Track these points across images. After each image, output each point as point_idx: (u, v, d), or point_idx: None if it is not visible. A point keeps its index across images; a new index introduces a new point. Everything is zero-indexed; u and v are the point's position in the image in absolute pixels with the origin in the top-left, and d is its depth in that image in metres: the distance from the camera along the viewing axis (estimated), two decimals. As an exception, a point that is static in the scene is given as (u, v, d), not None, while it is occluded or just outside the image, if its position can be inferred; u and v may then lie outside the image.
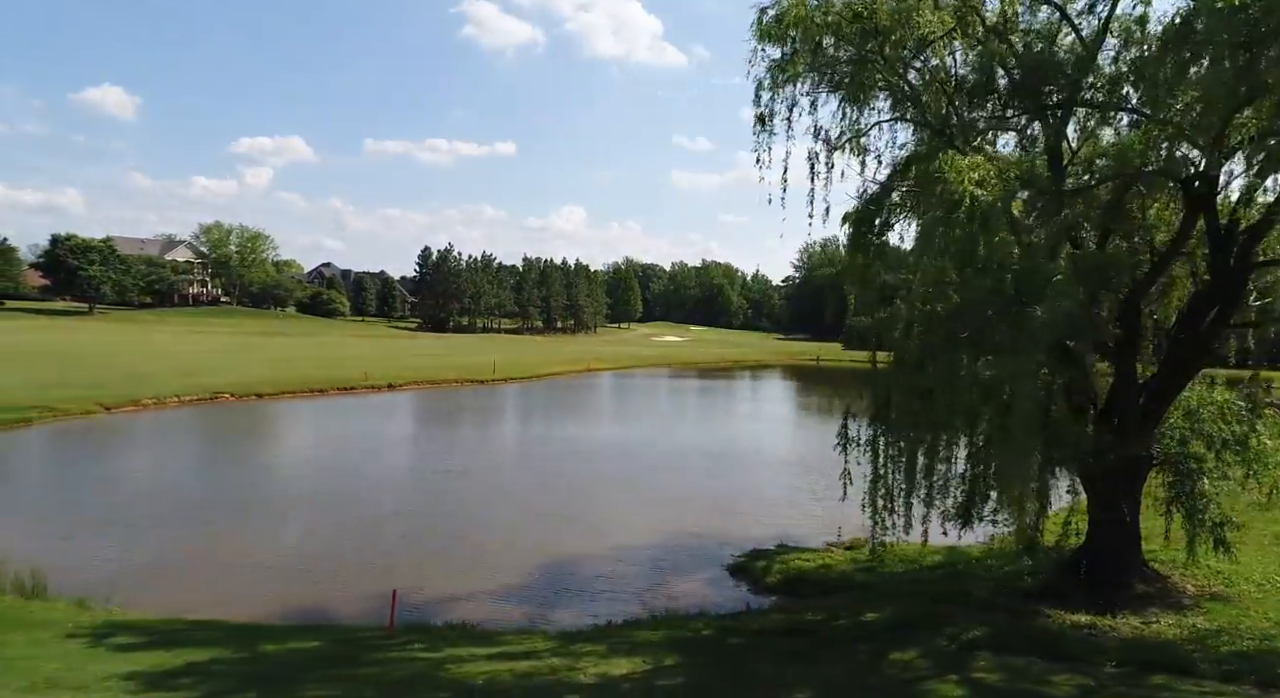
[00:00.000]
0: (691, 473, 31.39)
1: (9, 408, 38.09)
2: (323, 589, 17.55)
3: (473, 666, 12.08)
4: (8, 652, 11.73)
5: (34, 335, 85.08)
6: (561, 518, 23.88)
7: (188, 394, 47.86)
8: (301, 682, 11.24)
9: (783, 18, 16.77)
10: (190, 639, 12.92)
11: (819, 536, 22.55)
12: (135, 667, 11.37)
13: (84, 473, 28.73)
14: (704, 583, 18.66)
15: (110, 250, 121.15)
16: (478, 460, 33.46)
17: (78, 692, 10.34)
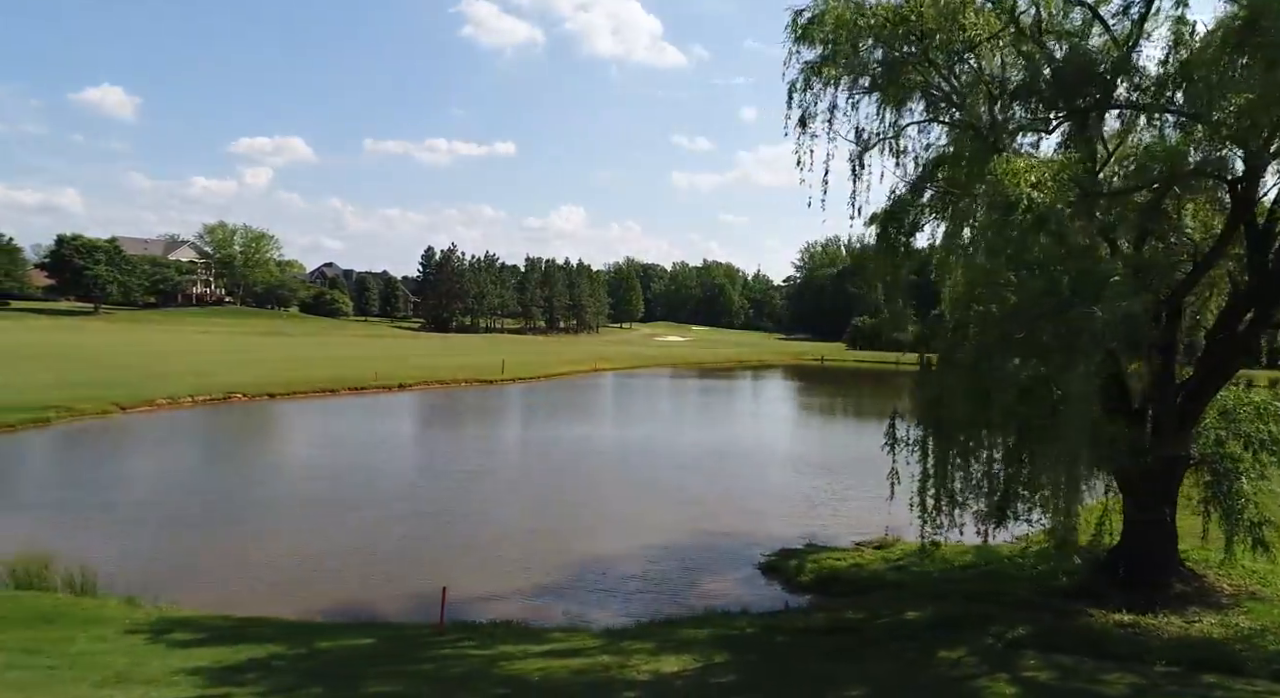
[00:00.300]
0: (709, 473, 31.49)
1: (28, 407, 38.19)
2: (363, 587, 17.67)
3: (525, 663, 12.20)
4: (74, 647, 11.88)
5: (43, 335, 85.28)
6: (587, 518, 23.99)
7: (201, 394, 47.94)
8: (361, 678, 11.35)
9: (818, 20, 16.99)
10: (245, 636, 13.05)
11: (845, 535, 22.67)
12: (198, 662, 11.52)
13: (113, 472, 28.85)
14: (737, 582, 18.77)
15: (116, 250, 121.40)
16: (496, 460, 33.61)
17: (148, 686, 10.48)
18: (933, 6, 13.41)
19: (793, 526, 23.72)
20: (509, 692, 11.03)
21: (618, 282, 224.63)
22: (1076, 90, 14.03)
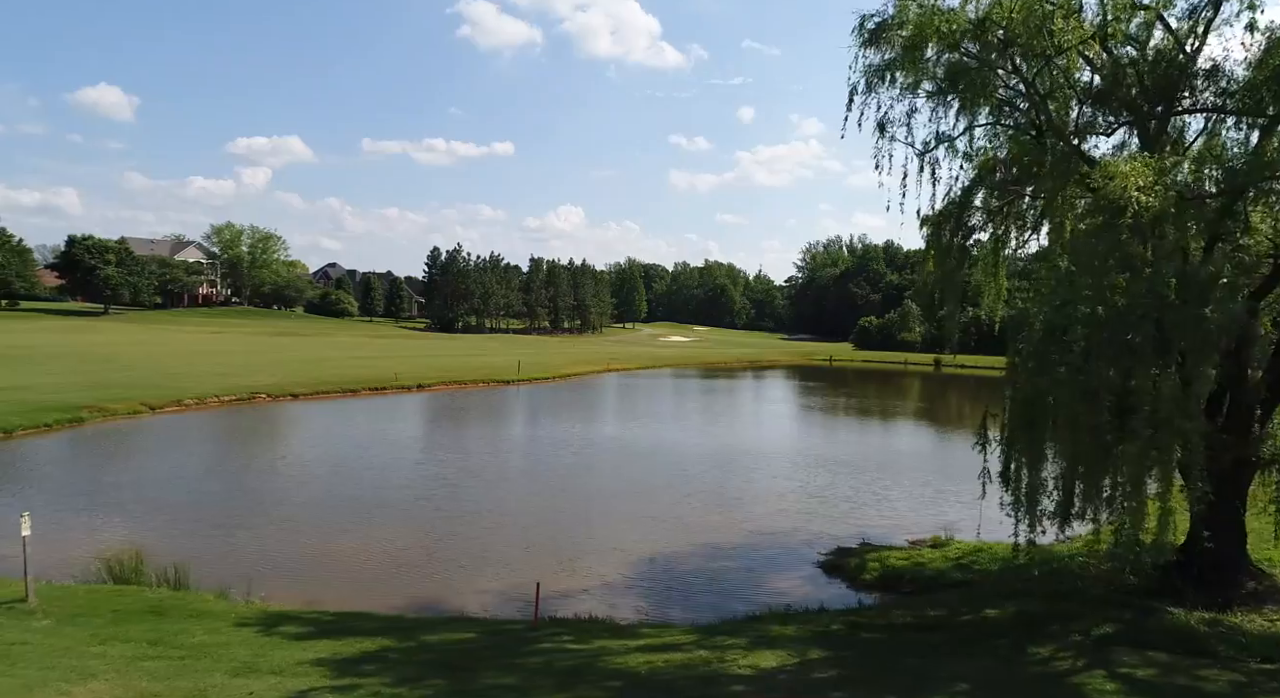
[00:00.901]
0: (748, 473, 31.69)
1: (62, 408, 38.45)
2: (438, 582, 17.97)
3: (628, 657, 12.41)
4: (193, 639, 12.15)
5: (59, 336, 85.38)
6: (635, 517, 24.16)
7: (227, 395, 48.17)
8: (476, 670, 11.56)
9: (885, 26, 17.24)
10: (351, 629, 13.28)
11: (894, 534, 22.93)
12: (316, 654, 11.79)
13: (163, 471, 28.90)
14: (801, 580, 18.98)
15: (126, 251, 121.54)
16: (538, 461, 33.80)
17: (278, 676, 10.75)
18: (1022, 12, 13.61)
19: (840, 525, 23.94)
20: (621, 684, 11.24)
21: (620, 282, 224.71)
22: (1158, 93, 14.25)
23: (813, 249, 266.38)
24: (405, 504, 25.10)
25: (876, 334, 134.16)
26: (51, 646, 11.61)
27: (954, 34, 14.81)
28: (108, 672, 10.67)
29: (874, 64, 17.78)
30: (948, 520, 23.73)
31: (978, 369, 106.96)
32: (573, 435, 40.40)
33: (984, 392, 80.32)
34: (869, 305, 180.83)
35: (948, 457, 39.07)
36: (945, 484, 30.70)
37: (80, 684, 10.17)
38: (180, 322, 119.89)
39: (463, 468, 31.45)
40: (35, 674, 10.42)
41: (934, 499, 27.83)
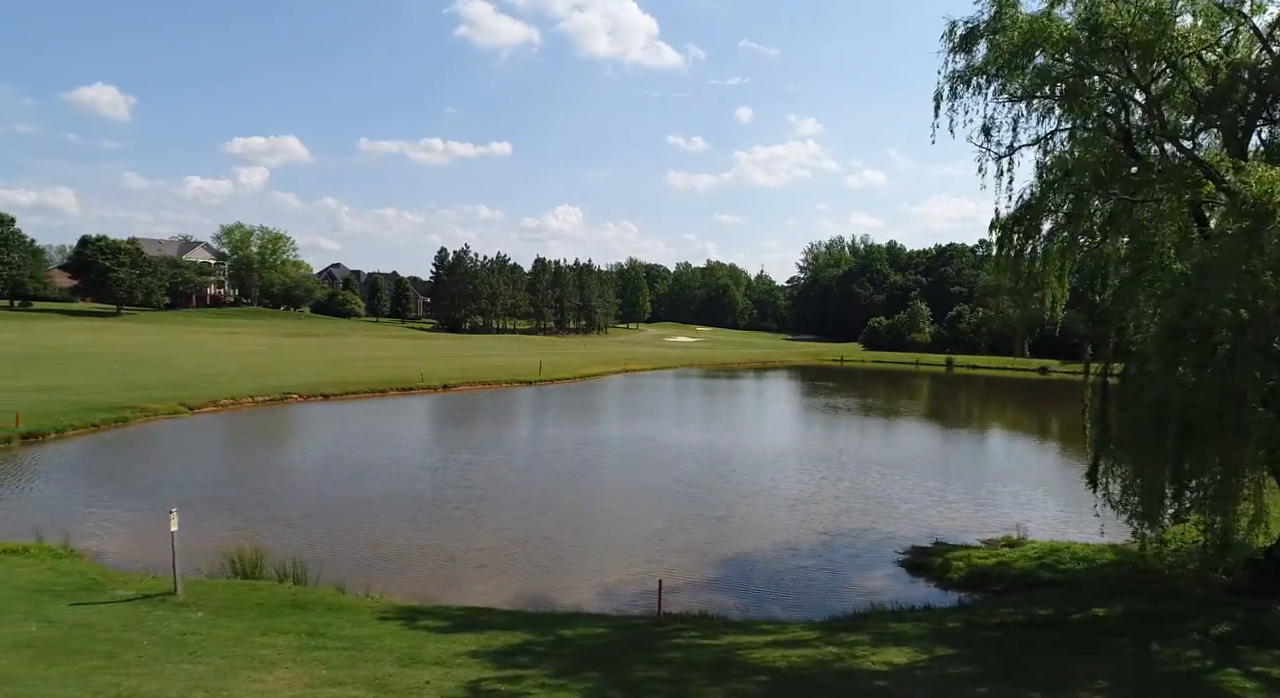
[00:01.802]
0: (797, 474, 31.91)
1: (107, 408, 38.71)
2: (535, 579, 18.24)
3: (761, 652, 12.69)
4: (346, 631, 12.49)
5: (80, 337, 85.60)
6: (707, 518, 24.38)
7: (260, 395, 48.45)
8: (625, 663, 11.85)
9: (976, 31, 17.64)
10: (485, 624, 13.61)
11: (962, 533, 23.20)
12: (467, 646, 12.13)
13: (225, 469, 29.29)
14: (887, 579, 19.26)
15: (138, 252, 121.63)
16: (587, 461, 33.97)
17: (442, 667, 11.09)
18: (1140, 17, 13.92)
19: (905, 525, 24.23)
20: (768, 679, 11.53)
21: (624, 282, 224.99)
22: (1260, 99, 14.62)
23: (815, 249, 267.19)
24: (469, 503, 25.35)
25: (886, 334, 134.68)
26: (218, 636, 11.93)
27: (1063, 39, 15.11)
28: (285, 661, 11.00)
29: (958, 70, 18.23)
30: (1012, 520, 24.05)
31: (989, 370, 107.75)
32: (615, 436, 40.68)
33: (1001, 392, 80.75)
34: (873, 306, 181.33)
35: (989, 457, 39.45)
36: (996, 485, 31.11)
37: (266, 672, 10.51)
38: (192, 322, 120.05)
39: (514, 468, 31.74)
40: (220, 663, 10.76)
41: (989, 500, 28.16)
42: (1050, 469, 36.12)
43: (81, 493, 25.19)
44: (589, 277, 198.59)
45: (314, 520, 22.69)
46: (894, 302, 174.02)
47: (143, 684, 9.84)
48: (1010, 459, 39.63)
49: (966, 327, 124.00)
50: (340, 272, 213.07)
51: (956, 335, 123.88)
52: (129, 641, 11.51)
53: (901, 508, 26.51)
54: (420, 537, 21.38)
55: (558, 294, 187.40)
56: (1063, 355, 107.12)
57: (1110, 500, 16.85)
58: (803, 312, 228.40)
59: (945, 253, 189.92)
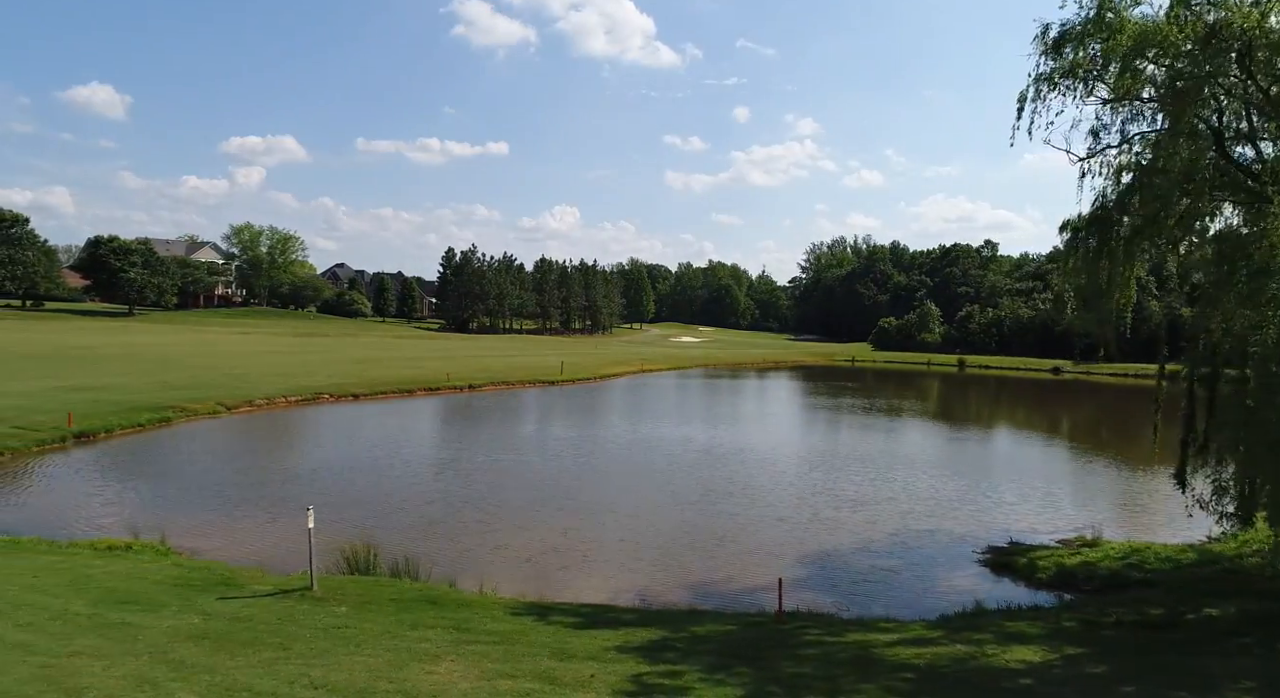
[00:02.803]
0: (847, 475, 31.98)
1: (148, 408, 38.83)
2: (629, 578, 18.41)
3: (893, 649, 12.83)
4: (489, 625, 12.70)
5: (105, 337, 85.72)
6: (770, 519, 24.35)
7: (292, 395, 48.67)
8: (769, 660, 11.97)
9: (1068, 35, 17.96)
10: (614, 620, 13.79)
11: (1031, 533, 23.30)
12: (610, 642, 12.31)
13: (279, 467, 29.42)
14: (976, 578, 19.41)
15: (150, 252, 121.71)
16: (638, 461, 33.99)
17: (598, 661, 11.31)
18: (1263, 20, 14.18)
19: (972, 525, 24.38)
20: (914, 676, 11.70)
21: (626, 282, 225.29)
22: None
23: (817, 250, 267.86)
24: (532, 504, 25.45)
25: (895, 335, 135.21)
26: (370, 630, 12.14)
27: (1178, 42, 15.36)
28: (447, 654, 11.23)
29: (1045, 72, 18.54)
30: (1078, 521, 24.34)
31: (1001, 371, 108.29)
32: (652, 437, 40.81)
33: (1022, 393, 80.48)
34: (876, 306, 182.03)
35: (1034, 458, 39.54)
36: (1050, 486, 31.36)
37: (434, 664, 10.75)
38: (203, 322, 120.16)
39: (565, 468, 31.88)
40: (388, 655, 10.99)
41: (1049, 500, 28.35)
42: (1101, 471, 36.06)
43: (151, 491, 25.37)
44: (594, 277, 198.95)
45: (388, 519, 22.85)
46: (898, 302, 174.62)
47: (328, 675, 10.08)
48: (1057, 460, 39.55)
49: (977, 327, 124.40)
50: (345, 272, 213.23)
51: (967, 336, 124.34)
52: (291, 633, 11.74)
53: (962, 509, 26.65)
54: (494, 536, 21.52)
55: (564, 294, 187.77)
56: (1075, 356, 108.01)
57: (1199, 502, 17.22)
58: (805, 312, 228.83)
59: (950, 253, 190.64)
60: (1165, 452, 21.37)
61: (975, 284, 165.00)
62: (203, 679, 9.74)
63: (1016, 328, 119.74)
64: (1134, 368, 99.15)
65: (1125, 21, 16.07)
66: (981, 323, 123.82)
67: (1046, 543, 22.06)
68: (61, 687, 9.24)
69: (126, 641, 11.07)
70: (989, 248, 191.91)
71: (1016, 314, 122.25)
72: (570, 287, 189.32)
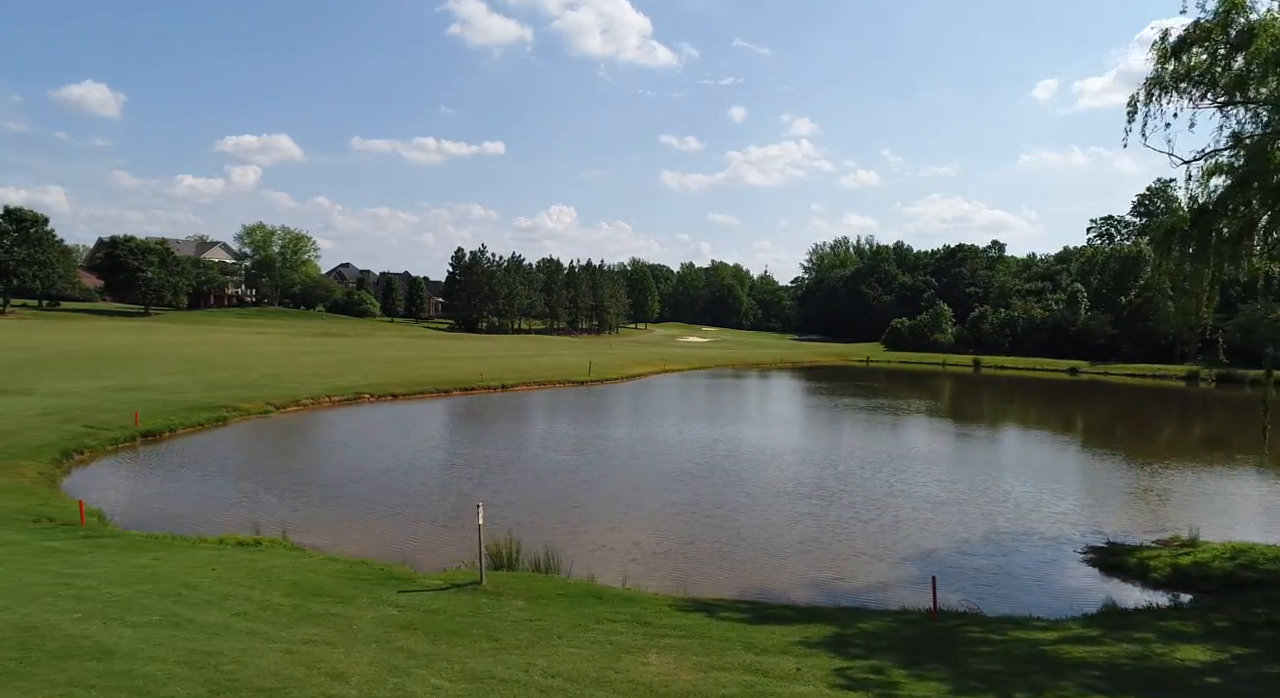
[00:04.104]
0: (917, 476, 32.03)
1: (203, 407, 39.06)
2: (749, 576, 18.64)
3: (1064, 648, 12.86)
4: (667, 620, 12.89)
5: (134, 337, 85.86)
6: (860, 522, 24.32)
7: (335, 395, 48.91)
8: (952, 656, 12.14)
9: (1189, 39, 18.33)
10: (779, 617, 13.95)
11: (1130, 534, 23.43)
12: (790, 637, 12.51)
13: (356, 465, 29.57)
14: (1089, 578, 19.41)
15: (167, 252, 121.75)
16: (698, 462, 34.03)
17: (792, 656, 11.52)
18: None
19: (1060, 524, 24.49)
20: (1101, 673, 11.78)
21: (631, 282, 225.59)
22: None
23: (819, 250, 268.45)
24: (617, 501, 25.78)
25: (908, 335, 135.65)
26: (558, 623, 12.29)
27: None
28: (647, 647, 11.43)
29: (1158, 76, 18.90)
30: (1165, 522, 24.61)
31: (1016, 371, 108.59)
32: (709, 437, 40.94)
33: (1047, 393, 79.98)
34: (881, 306, 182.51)
35: (1093, 460, 39.42)
36: (1122, 486, 31.56)
37: (643, 656, 10.98)
38: (218, 322, 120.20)
39: (629, 467, 32.03)
40: (591, 648, 11.22)
41: (1130, 501, 28.56)
42: (1166, 472, 35.73)
43: (249, 488, 25.62)
44: (601, 277, 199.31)
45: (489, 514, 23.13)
46: (903, 302, 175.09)
47: (554, 665, 10.31)
48: (1117, 462, 39.22)
49: (990, 327, 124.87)
50: (350, 271, 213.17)
51: (979, 336, 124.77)
52: (490, 625, 11.96)
53: (1040, 509, 26.65)
54: (591, 534, 21.70)
55: (572, 294, 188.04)
56: (1090, 356, 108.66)
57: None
58: (809, 312, 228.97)
59: (955, 254, 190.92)
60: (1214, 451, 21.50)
61: (983, 285, 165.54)
62: (441, 668, 9.97)
63: (1030, 328, 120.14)
64: (1150, 368, 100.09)
65: (1273, 26, 16.35)
66: (994, 323, 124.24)
67: (1144, 543, 22.15)
68: (320, 671, 9.48)
69: (343, 630, 11.30)
70: (996, 248, 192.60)
71: (1030, 315, 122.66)
72: (578, 287, 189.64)
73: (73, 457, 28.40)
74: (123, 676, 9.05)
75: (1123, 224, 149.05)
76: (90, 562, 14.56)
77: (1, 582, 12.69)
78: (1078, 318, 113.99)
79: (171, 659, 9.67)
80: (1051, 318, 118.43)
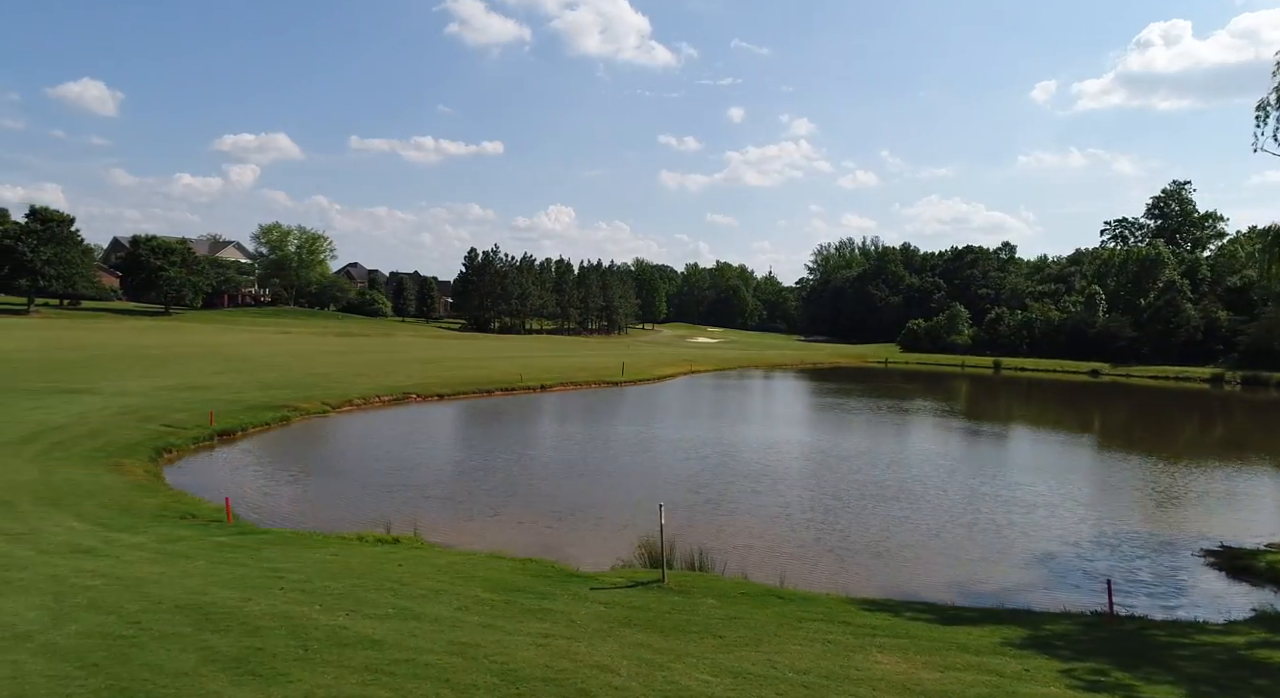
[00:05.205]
0: (996, 479, 32.22)
1: (265, 406, 39.14)
2: (892, 575, 18.81)
3: (1260, 652, 12.85)
4: (859, 621, 13.02)
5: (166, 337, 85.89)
6: (961, 525, 24.43)
7: (385, 394, 49.02)
8: (1163, 660, 12.17)
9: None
10: (960, 617, 14.15)
11: (1241, 537, 23.38)
12: (991, 638, 12.62)
13: (437, 466, 29.74)
14: (1218, 582, 19.34)
15: (189, 251, 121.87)
16: (770, 462, 34.21)
17: (1004, 657, 11.54)
18: None
19: (1165, 527, 24.86)
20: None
21: (639, 283, 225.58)
22: None
23: (824, 251, 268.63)
24: (719, 501, 25.88)
25: (924, 336, 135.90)
26: (762, 620, 12.38)
27: None
28: (865, 646, 11.59)
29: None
30: (1260, 526, 24.87)
31: (1037, 373, 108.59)
32: (772, 439, 41.03)
33: (1077, 396, 79.49)
34: (889, 307, 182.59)
35: (1166, 463, 39.30)
36: (1205, 490, 31.64)
37: (866, 654, 11.17)
38: (238, 321, 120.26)
39: (714, 466, 32.14)
40: (814, 645, 11.41)
41: (1219, 505, 28.67)
42: (1244, 474, 35.92)
43: (339, 487, 25.86)
44: (611, 277, 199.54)
45: (588, 513, 23.41)
46: (911, 303, 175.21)
47: (793, 661, 10.45)
48: (1188, 467, 38.59)
49: (1007, 329, 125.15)
50: (358, 271, 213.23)
51: (996, 338, 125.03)
52: (701, 622, 12.07)
53: (1134, 512, 26.86)
54: (703, 533, 21.59)
55: (583, 295, 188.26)
56: (1111, 359, 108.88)
57: None
58: (814, 313, 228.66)
59: (964, 256, 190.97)
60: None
61: (995, 286, 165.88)
62: (691, 662, 10.08)
63: (1047, 330, 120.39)
64: (1174, 371, 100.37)
65: None
66: (1012, 325, 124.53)
67: (1260, 547, 22.03)
68: (583, 663, 9.63)
69: (568, 624, 11.42)
70: (1006, 250, 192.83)
71: (1047, 316, 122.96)
72: (589, 287, 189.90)
73: (163, 455, 28.55)
74: (410, 664, 9.25)
75: (1136, 226, 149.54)
76: (273, 557, 14.72)
77: (220, 574, 12.90)
78: (1096, 320, 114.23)
79: (439, 650, 9.86)
80: (1069, 320, 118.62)
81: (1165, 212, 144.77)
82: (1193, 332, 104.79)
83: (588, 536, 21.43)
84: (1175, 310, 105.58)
